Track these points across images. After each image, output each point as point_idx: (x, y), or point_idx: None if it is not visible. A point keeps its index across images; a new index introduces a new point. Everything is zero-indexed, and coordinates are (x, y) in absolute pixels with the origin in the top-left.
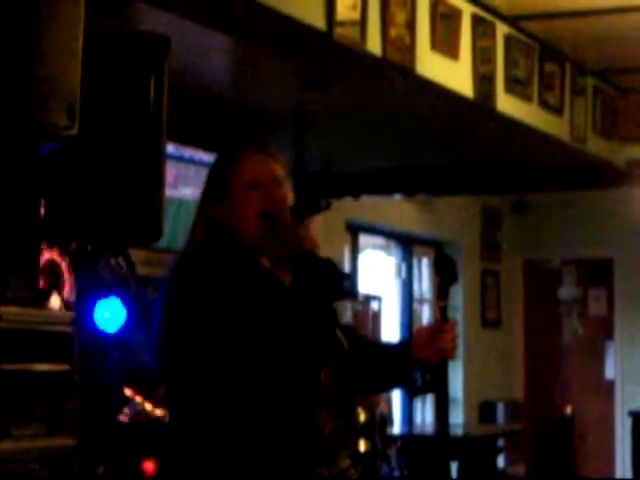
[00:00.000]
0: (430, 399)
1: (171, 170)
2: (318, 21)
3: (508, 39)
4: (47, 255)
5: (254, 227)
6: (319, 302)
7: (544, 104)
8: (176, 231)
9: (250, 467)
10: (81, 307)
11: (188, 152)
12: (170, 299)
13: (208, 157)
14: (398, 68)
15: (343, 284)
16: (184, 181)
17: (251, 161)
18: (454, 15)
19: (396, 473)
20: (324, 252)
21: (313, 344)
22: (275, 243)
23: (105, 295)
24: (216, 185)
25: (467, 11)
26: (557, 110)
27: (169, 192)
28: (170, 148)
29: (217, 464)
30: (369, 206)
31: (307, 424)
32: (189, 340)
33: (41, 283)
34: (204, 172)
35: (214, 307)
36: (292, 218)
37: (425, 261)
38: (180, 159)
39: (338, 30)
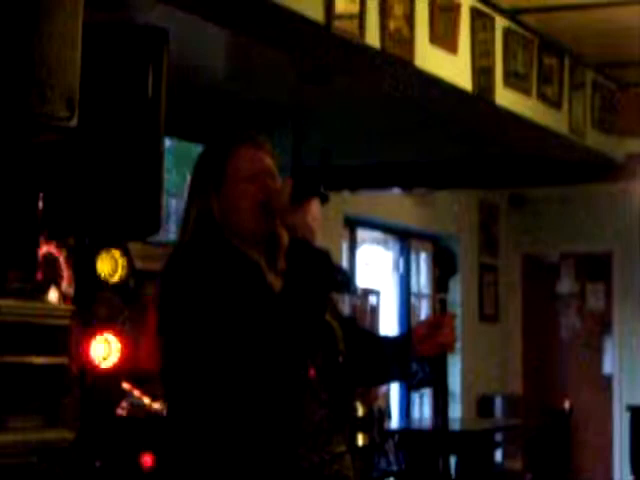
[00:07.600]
0: (428, 393)
1: None
2: (317, 14)
3: (507, 32)
4: (45, 248)
5: (252, 218)
6: (310, 291)
7: (543, 98)
8: None
9: (243, 457)
10: (79, 300)
11: None
12: (165, 294)
13: None
14: (397, 61)
15: (337, 277)
16: None
17: (247, 154)
18: (453, 8)
19: (394, 467)
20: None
21: (300, 335)
22: (272, 231)
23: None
24: (210, 176)
25: (466, 4)
26: (556, 104)
27: None
28: None
29: (212, 456)
30: (367, 200)
31: (297, 412)
32: (183, 334)
33: (39, 276)
34: None
35: (206, 301)
36: (290, 203)
37: (423, 255)
38: None
39: (337, 23)
